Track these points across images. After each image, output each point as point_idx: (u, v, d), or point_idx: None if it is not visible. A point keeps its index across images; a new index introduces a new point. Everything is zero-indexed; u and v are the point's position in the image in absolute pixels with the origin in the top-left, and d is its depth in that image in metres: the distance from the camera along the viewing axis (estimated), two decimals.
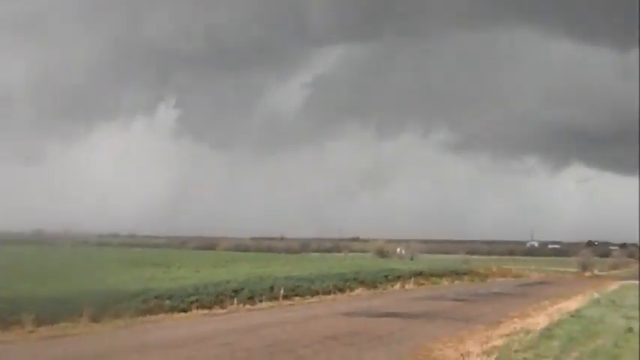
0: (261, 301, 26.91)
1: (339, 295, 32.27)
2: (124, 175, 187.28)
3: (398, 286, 39.76)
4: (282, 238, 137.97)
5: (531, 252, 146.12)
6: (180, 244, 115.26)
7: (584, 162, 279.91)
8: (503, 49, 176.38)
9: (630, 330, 17.84)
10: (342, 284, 34.99)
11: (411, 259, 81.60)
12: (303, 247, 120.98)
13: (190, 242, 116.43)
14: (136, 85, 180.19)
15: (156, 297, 22.99)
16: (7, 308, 17.60)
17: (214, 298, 25.24)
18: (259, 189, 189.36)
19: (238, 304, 25.41)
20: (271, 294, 28.22)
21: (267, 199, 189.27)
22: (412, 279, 43.07)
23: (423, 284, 43.17)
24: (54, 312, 18.28)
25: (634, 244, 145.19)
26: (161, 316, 21.37)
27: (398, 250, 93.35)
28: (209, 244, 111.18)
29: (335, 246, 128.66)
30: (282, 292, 28.67)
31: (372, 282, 38.34)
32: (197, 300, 24.14)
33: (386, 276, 41.69)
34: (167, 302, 22.83)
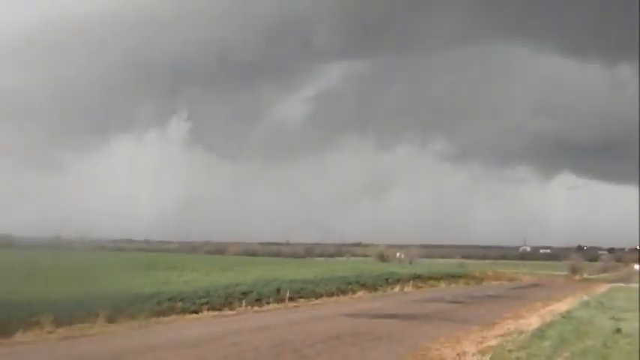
0: (268, 303, 26.87)
1: (341, 298, 32.22)
2: (138, 183, 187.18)
3: (397, 288, 39.68)
4: (287, 244, 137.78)
5: (524, 256, 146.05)
6: (191, 249, 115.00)
7: (573, 171, 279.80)
8: (497, 64, 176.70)
9: (618, 331, 17.78)
10: (345, 287, 34.94)
11: (410, 263, 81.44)
12: (308, 251, 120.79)
13: (201, 247, 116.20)
14: (150, 98, 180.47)
15: (168, 299, 22.98)
16: (27, 310, 17.60)
17: (224, 300, 25.21)
18: (266, 197, 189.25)
19: (246, 305, 25.38)
20: (278, 296, 28.17)
21: (274, 206, 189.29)
22: (411, 282, 42.99)
23: (421, 287, 43.09)
24: (72, 314, 18.28)
25: (622, 249, 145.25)
26: (173, 317, 21.34)
27: (397, 254, 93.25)
28: (219, 249, 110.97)
29: (338, 251, 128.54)
30: (287, 294, 28.61)
31: (372, 285, 38.27)
32: (207, 302, 24.10)
33: (386, 279, 41.63)
34: (179, 304, 22.80)
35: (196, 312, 22.82)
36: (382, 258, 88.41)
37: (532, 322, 20.95)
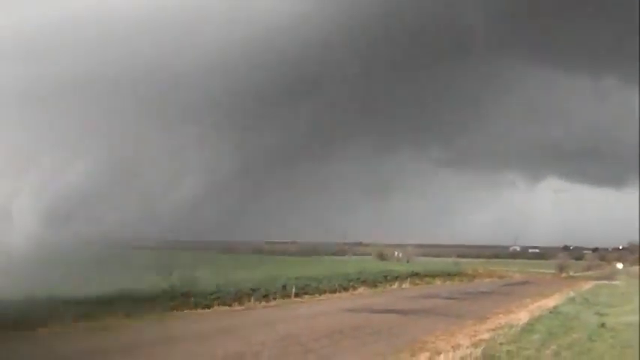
0: (274, 298, 26.83)
1: (343, 294, 32.16)
2: (152, 184, 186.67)
3: (396, 285, 39.61)
4: (293, 243, 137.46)
5: (514, 255, 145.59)
6: (204, 247, 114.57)
7: (559, 176, 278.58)
8: (490, 76, 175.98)
9: (603, 325, 17.71)
10: (347, 284, 34.87)
11: (408, 262, 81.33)
12: (312, 250, 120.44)
13: (213, 246, 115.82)
14: (161, 104, 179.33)
15: (182, 295, 22.98)
16: (53, 306, 17.63)
17: (234, 295, 25.19)
18: (274, 199, 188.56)
19: (255, 301, 25.34)
20: (284, 292, 28.13)
21: (281, 208, 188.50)
22: (408, 279, 42.91)
23: (418, 284, 42.99)
24: (93, 309, 18.31)
25: (605, 249, 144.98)
26: (187, 312, 21.35)
27: (396, 253, 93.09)
28: (229, 248, 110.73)
29: (340, 250, 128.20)
30: (293, 290, 28.58)
31: (373, 282, 38.21)
32: (218, 297, 24.09)
33: (385, 276, 41.55)
34: (192, 299, 22.80)
35: (208, 307, 22.80)
36: (381, 257, 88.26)
37: (521, 317, 20.87)
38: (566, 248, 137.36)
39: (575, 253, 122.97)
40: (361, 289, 34.66)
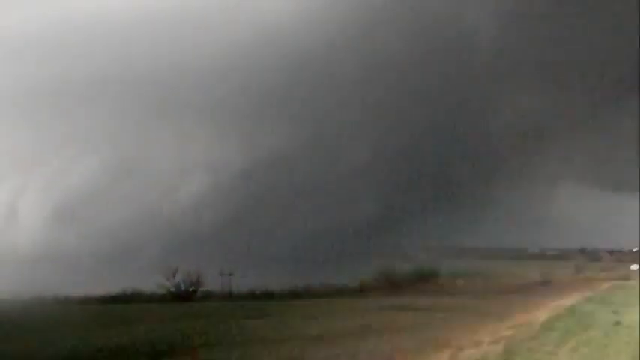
0: (306, 298, 27.02)
1: (372, 292, 32.15)
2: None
3: (421, 285, 39.46)
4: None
5: (533, 257, 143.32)
6: None
7: (577, 181, 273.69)
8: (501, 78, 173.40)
9: (618, 323, 17.49)
10: (375, 283, 34.89)
11: (433, 263, 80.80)
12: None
13: None
14: None
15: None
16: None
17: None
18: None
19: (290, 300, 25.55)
20: (316, 293, 28.29)
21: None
22: (433, 279, 42.73)
23: (442, 284, 42.76)
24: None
25: (620, 250, 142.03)
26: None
27: (421, 255, 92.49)
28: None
29: (367, 253, 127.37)
30: (326, 290, 28.72)
31: (399, 282, 38.15)
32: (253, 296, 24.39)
33: (411, 277, 41.46)
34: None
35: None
36: (407, 258, 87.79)
37: (541, 314, 20.69)
38: (583, 250, 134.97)
39: (592, 255, 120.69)
40: (388, 289, 34.62)
